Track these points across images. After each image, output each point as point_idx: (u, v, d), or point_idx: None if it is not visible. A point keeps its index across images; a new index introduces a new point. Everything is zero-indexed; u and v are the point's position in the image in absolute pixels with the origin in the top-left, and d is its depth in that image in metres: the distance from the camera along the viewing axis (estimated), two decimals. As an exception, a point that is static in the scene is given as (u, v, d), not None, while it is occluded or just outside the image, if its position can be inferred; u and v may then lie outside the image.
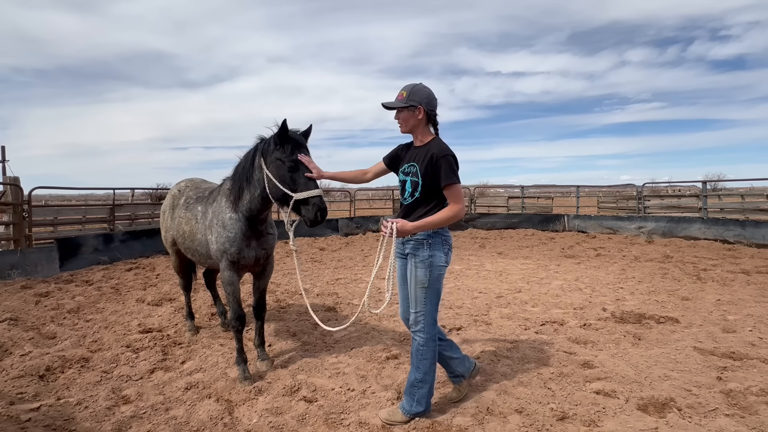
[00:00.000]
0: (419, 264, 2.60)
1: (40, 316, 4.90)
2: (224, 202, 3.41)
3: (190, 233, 3.75)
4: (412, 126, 2.65)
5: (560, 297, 5.67)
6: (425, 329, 2.64)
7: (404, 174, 2.71)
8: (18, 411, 2.84)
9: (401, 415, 2.67)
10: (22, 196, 7.79)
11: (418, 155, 2.63)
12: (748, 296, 5.46)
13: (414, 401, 2.67)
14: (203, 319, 4.85)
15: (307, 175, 2.93)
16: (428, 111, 2.61)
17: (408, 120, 2.62)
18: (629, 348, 3.83)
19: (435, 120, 2.68)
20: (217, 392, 3.10)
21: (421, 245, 2.60)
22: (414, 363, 2.69)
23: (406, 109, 2.60)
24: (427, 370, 2.66)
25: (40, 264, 7.19)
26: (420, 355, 2.65)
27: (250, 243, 3.36)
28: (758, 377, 3.16)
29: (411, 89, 2.60)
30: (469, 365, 2.98)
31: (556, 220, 13.56)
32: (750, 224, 9.87)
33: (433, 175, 2.54)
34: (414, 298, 2.65)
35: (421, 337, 2.65)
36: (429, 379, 2.68)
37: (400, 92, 2.63)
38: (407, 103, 2.58)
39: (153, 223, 11.48)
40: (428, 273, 2.59)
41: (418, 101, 2.58)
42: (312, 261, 8.83)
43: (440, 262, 2.62)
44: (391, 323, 4.66)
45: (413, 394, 2.67)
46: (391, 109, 2.66)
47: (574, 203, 15.44)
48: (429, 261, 2.59)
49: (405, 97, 2.59)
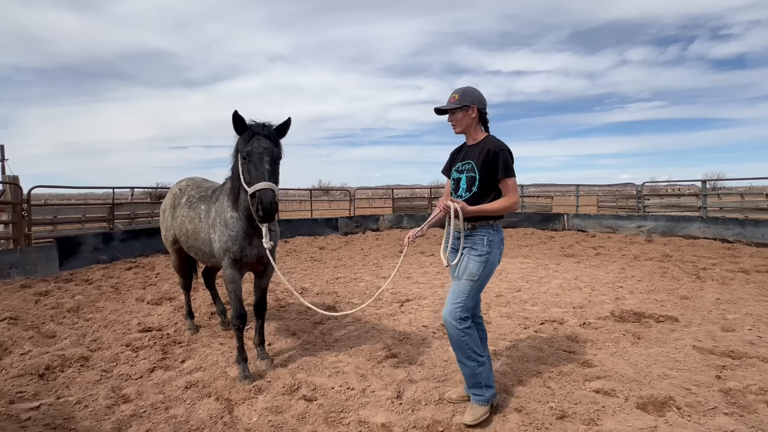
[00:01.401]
0: (475, 258, 2.64)
1: (39, 315, 4.90)
2: (226, 201, 3.42)
3: (193, 232, 3.76)
4: (466, 125, 2.75)
5: (560, 296, 5.68)
6: (462, 322, 2.64)
7: (458, 172, 2.80)
8: (18, 410, 2.84)
9: (481, 408, 2.67)
10: (22, 195, 7.78)
11: (473, 152, 2.73)
12: (747, 295, 5.46)
13: (483, 388, 2.69)
14: (203, 318, 4.85)
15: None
16: (480, 109, 2.73)
17: (462, 120, 2.74)
18: (629, 347, 3.83)
19: (486, 119, 2.80)
20: (216, 391, 3.10)
21: (482, 241, 2.65)
22: (462, 356, 2.69)
23: (460, 109, 2.71)
24: (478, 354, 2.67)
25: (39, 263, 7.19)
26: (465, 345, 2.65)
27: (252, 241, 3.36)
28: (757, 376, 3.17)
29: (462, 91, 2.73)
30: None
31: (555, 219, 13.57)
32: (749, 223, 9.88)
33: (490, 169, 2.62)
34: (458, 289, 2.66)
35: (459, 329, 2.64)
36: (483, 358, 2.70)
37: (452, 95, 2.77)
38: (460, 104, 2.70)
39: (152, 222, 11.48)
40: (481, 268, 2.63)
41: (471, 101, 2.70)
42: (311, 260, 8.84)
43: (495, 261, 2.69)
44: (391, 322, 4.67)
45: (478, 382, 2.68)
46: (444, 112, 2.79)
47: (574, 202, 15.45)
48: (486, 257, 2.64)
49: (458, 99, 2.72)
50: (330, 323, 4.66)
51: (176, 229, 4.02)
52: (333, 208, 20.88)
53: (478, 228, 2.66)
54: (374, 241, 11.54)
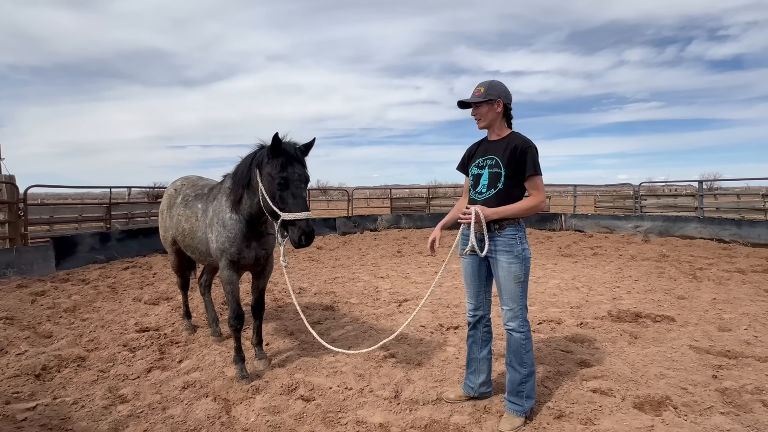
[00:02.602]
0: (514, 260, 2.57)
1: (36, 315, 4.88)
2: (224, 201, 3.38)
3: (190, 231, 3.73)
4: (491, 120, 2.66)
5: (557, 296, 5.69)
6: (524, 324, 2.63)
7: (478, 168, 2.71)
8: (14, 410, 2.83)
9: (519, 419, 2.61)
10: (18, 194, 7.75)
11: (498, 148, 2.64)
12: (743, 295, 5.49)
13: (524, 398, 2.64)
14: (200, 318, 4.84)
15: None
16: (506, 104, 2.65)
17: (487, 114, 2.64)
18: (626, 347, 3.84)
19: (510, 114, 2.72)
20: (214, 391, 3.09)
21: (514, 240, 2.58)
22: (517, 361, 2.63)
23: (486, 103, 2.62)
24: (532, 362, 2.66)
25: (36, 263, 7.16)
26: (524, 350, 2.62)
27: (250, 243, 3.35)
28: (753, 375, 3.18)
29: (488, 85, 2.62)
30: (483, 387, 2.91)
31: (553, 219, 13.59)
32: (746, 223, 9.92)
33: (517, 165, 2.54)
34: (510, 294, 2.60)
35: (521, 332, 2.62)
36: (534, 369, 2.68)
37: (477, 88, 2.65)
38: (486, 97, 2.60)
39: (150, 221, 11.45)
40: (523, 266, 2.59)
41: (497, 95, 2.60)
42: (310, 260, 8.83)
43: (530, 255, 2.65)
44: (389, 322, 4.67)
45: (521, 392, 2.63)
46: (468, 106, 2.68)
47: (572, 202, 15.48)
48: (523, 255, 2.59)
49: (483, 93, 2.61)
50: (328, 323, 4.66)
51: (173, 229, 4.00)
52: (331, 208, 20.85)
53: (506, 227, 2.58)
54: (372, 241, 11.54)
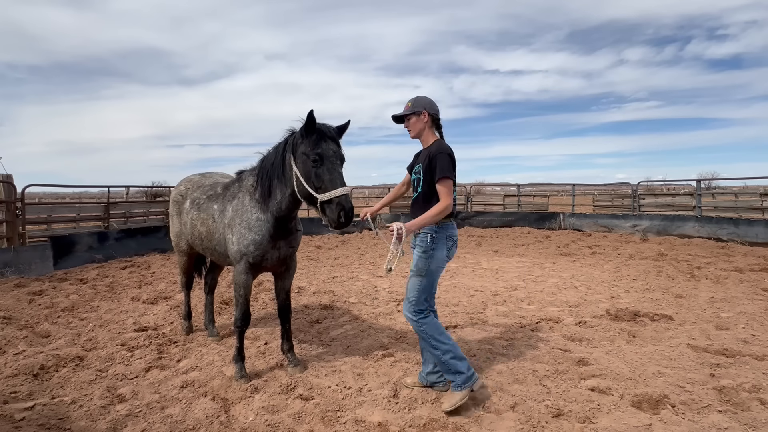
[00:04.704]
0: (422, 254, 2.85)
1: (34, 314, 4.87)
2: (248, 201, 3.20)
3: (207, 234, 3.56)
4: (419, 130, 2.94)
5: (556, 295, 5.70)
6: (418, 313, 2.82)
7: (414, 174, 3.00)
8: (12, 410, 2.83)
9: (457, 394, 2.74)
10: (16, 193, 7.72)
11: (422, 156, 2.93)
12: (740, 294, 5.51)
13: (454, 373, 2.78)
14: (199, 317, 4.83)
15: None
16: (431, 114, 2.92)
17: (415, 125, 2.94)
18: (624, 345, 3.85)
19: (439, 123, 2.99)
20: (213, 390, 3.09)
21: (426, 238, 2.84)
22: (428, 345, 2.83)
23: (413, 115, 2.92)
24: (440, 342, 2.80)
25: (33, 262, 7.14)
26: (425, 335, 2.81)
27: (277, 243, 3.20)
28: (750, 374, 3.20)
29: (414, 100, 2.94)
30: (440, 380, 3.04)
31: (551, 219, 13.61)
32: (743, 222, 9.95)
33: (430, 171, 2.80)
34: (411, 285, 2.87)
35: (415, 321, 2.83)
36: (448, 346, 2.80)
37: (406, 104, 2.97)
38: (413, 110, 2.91)
39: (148, 221, 11.42)
40: (427, 264, 2.82)
41: (422, 107, 2.90)
42: (308, 259, 8.82)
43: (441, 256, 2.84)
44: (387, 321, 4.67)
45: (449, 369, 2.79)
46: (400, 120, 2.99)
47: (570, 201, 15.50)
48: (430, 253, 2.82)
49: (411, 107, 2.93)
50: (326, 322, 4.66)
51: (189, 235, 3.82)
52: (329, 207, 20.80)
53: (424, 229, 2.83)
54: (371, 241, 11.55)
